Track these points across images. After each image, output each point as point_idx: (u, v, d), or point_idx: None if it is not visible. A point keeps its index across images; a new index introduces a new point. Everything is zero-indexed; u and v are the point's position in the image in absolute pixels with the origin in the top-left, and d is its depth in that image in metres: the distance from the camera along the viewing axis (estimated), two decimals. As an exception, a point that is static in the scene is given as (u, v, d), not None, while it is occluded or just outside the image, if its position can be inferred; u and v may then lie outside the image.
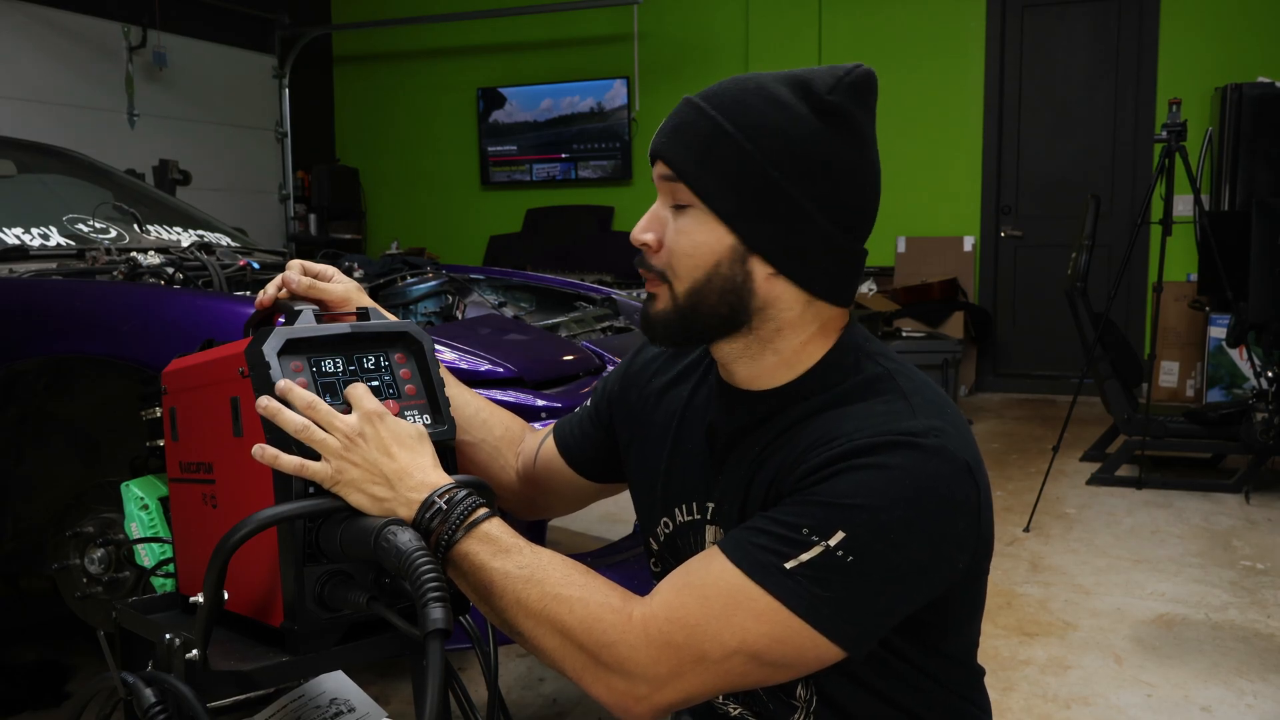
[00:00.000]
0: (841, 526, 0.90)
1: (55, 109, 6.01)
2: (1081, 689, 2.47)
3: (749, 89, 1.00)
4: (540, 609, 0.95)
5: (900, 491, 0.91)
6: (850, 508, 0.91)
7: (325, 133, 8.35)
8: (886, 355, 1.06)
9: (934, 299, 6.30)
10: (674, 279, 1.02)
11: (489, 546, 0.96)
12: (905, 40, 6.61)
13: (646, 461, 1.19)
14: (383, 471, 0.97)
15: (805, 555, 0.91)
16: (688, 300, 1.02)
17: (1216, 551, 3.50)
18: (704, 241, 1.00)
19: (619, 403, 1.25)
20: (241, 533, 0.90)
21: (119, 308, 2.02)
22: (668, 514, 1.15)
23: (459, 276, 2.88)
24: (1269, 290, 4.11)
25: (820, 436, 0.97)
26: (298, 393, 0.98)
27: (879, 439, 0.93)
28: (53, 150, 3.30)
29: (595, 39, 7.49)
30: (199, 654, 0.93)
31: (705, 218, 1.00)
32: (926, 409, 0.98)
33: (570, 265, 6.87)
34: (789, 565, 0.91)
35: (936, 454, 0.93)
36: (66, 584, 1.97)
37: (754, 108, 0.98)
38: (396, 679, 2.36)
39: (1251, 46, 5.93)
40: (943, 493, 0.93)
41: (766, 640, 0.92)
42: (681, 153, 1.01)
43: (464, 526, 0.95)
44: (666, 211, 1.04)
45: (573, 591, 0.95)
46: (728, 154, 0.98)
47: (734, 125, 0.98)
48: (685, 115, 1.02)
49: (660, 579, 1.20)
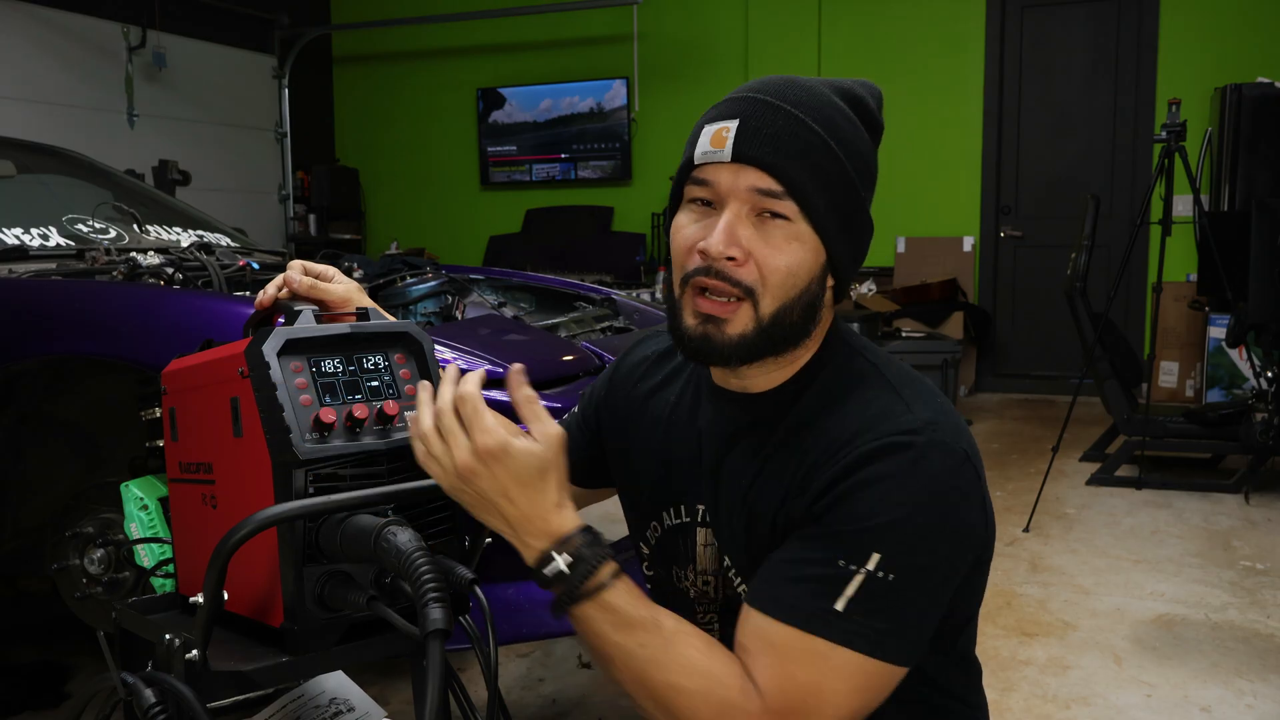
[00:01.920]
0: (874, 548, 0.91)
1: (55, 109, 6.01)
2: (1081, 689, 2.47)
3: (825, 99, 0.99)
4: (659, 694, 0.94)
5: (915, 496, 0.92)
6: (876, 528, 0.91)
7: (325, 133, 8.35)
8: (869, 349, 1.06)
9: (933, 299, 6.30)
10: (762, 295, 0.97)
11: (611, 617, 0.93)
12: (905, 40, 6.62)
13: (634, 466, 1.18)
14: (500, 511, 0.94)
15: (850, 589, 0.91)
16: (773, 318, 0.98)
17: (1216, 552, 3.50)
18: (803, 258, 0.97)
19: (606, 408, 1.24)
20: (241, 533, 0.90)
21: (118, 308, 2.02)
22: (656, 518, 1.15)
23: (459, 277, 2.88)
24: (1268, 290, 4.11)
25: (823, 448, 0.97)
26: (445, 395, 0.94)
27: (880, 444, 0.94)
28: (52, 150, 3.30)
29: (595, 39, 7.49)
30: (199, 654, 0.93)
31: (803, 232, 0.97)
32: (916, 401, 0.98)
33: (570, 265, 6.87)
34: (840, 607, 0.91)
35: (937, 449, 0.94)
36: (66, 584, 1.97)
37: (838, 122, 0.98)
38: (396, 679, 2.36)
39: (1251, 47, 5.93)
40: (952, 486, 0.94)
41: (860, 694, 0.93)
42: (793, 165, 0.96)
43: (585, 592, 0.92)
44: (746, 223, 0.98)
45: (693, 683, 0.93)
46: (833, 171, 0.97)
47: (833, 139, 0.97)
48: (782, 123, 0.97)
49: (654, 583, 1.20)
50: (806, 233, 0.97)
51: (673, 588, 1.16)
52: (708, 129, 0.99)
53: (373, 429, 1.01)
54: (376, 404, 1.02)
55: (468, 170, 8.03)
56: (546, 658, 2.64)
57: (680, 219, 1.02)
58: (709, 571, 1.12)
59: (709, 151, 0.98)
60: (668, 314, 1.05)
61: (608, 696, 2.42)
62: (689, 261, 0.99)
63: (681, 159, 1.03)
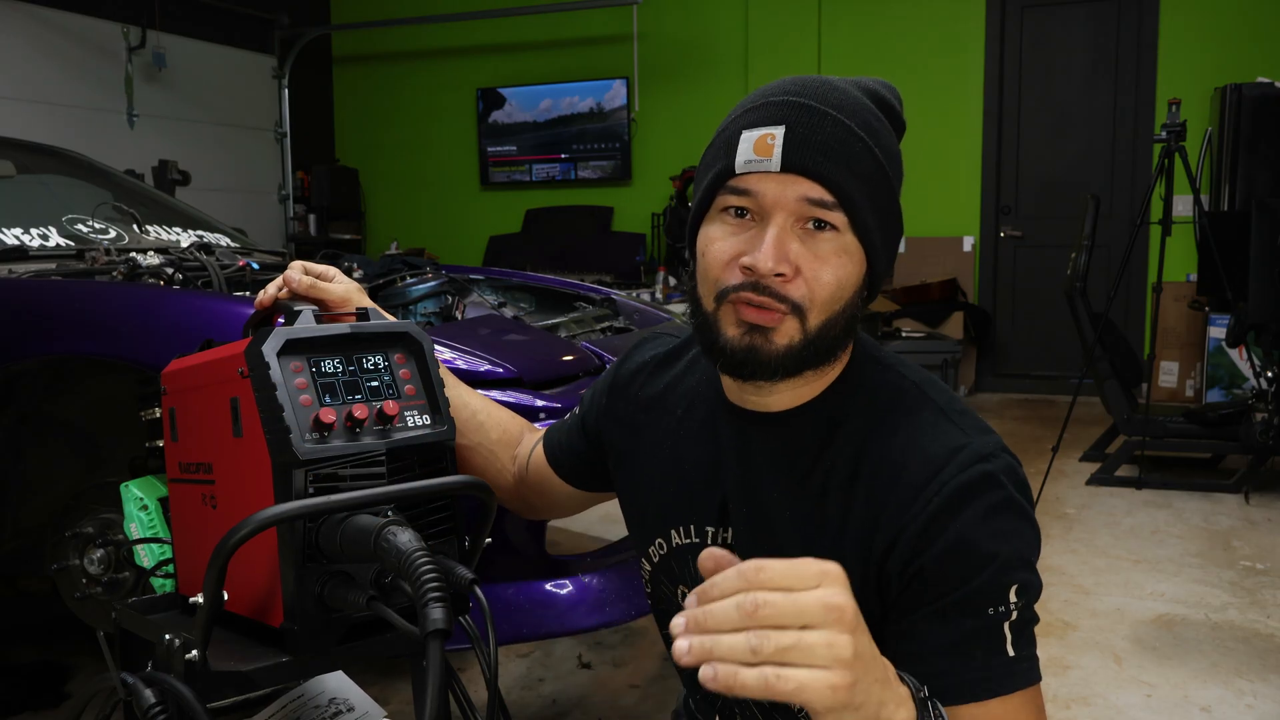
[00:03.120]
0: (1009, 582, 0.90)
1: (55, 109, 6.01)
2: (1081, 689, 2.47)
3: (860, 103, 0.95)
4: None
5: (1015, 522, 0.92)
6: (1002, 564, 0.90)
7: (325, 133, 8.35)
8: (901, 362, 1.03)
9: (933, 299, 6.30)
10: (811, 310, 0.92)
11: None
12: (905, 40, 6.62)
13: (637, 479, 1.15)
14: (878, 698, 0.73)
15: (1007, 632, 0.90)
16: (819, 332, 0.93)
17: (1216, 552, 3.50)
18: (850, 271, 0.93)
19: (606, 415, 1.20)
20: (241, 533, 0.90)
21: (118, 308, 2.02)
22: (663, 535, 1.11)
23: (458, 277, 2.87)
24: (1268, 290, 4.12)
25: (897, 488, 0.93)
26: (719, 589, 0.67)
27: (964, 479, 0.91)
28: (52, 150, 3.30)
29: (595, 39, 7.49)
30: (199, 654, 0.93)
31: (849, 244, 0.93)
32: (966, 422, 0.97)
33: (570, 265, 6.87)
34: (1011, 652, 0.91)
35: (1006, 472, 0.94)
36: (66, 584, 1.97)
37: (876, 128, 0.95)
38: (396, 679, 2.36)
39: (1251, 47, 5.94)
40: (1026, 502, 0.95)
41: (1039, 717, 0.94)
42: (845, 175, 0.91)
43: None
44: (793, 236, 0.92)
45: None
46: (878, 178, 0.94)
47: (877, 146, 0.94)
48: (830, 130, 0.92)
49: (654, 599, 1.16)
50: (853, 244, 0.93)
51: (676, 605, 1.13)
52: (748, 135, 0.92)
53: (373, 429, 1.01)
54: (376, 404, 1.02)
55: (468, 170, 8.03)
56: (546, 658, 2.64)
57: (713, 231, 0.95)
58: None
59: (753, 160, 0.91)
60: (699, 330, 0.98)
61: (607, 696, 2.42)
62: (727, 276, 0.93)
63: (708, 166, 0.97)
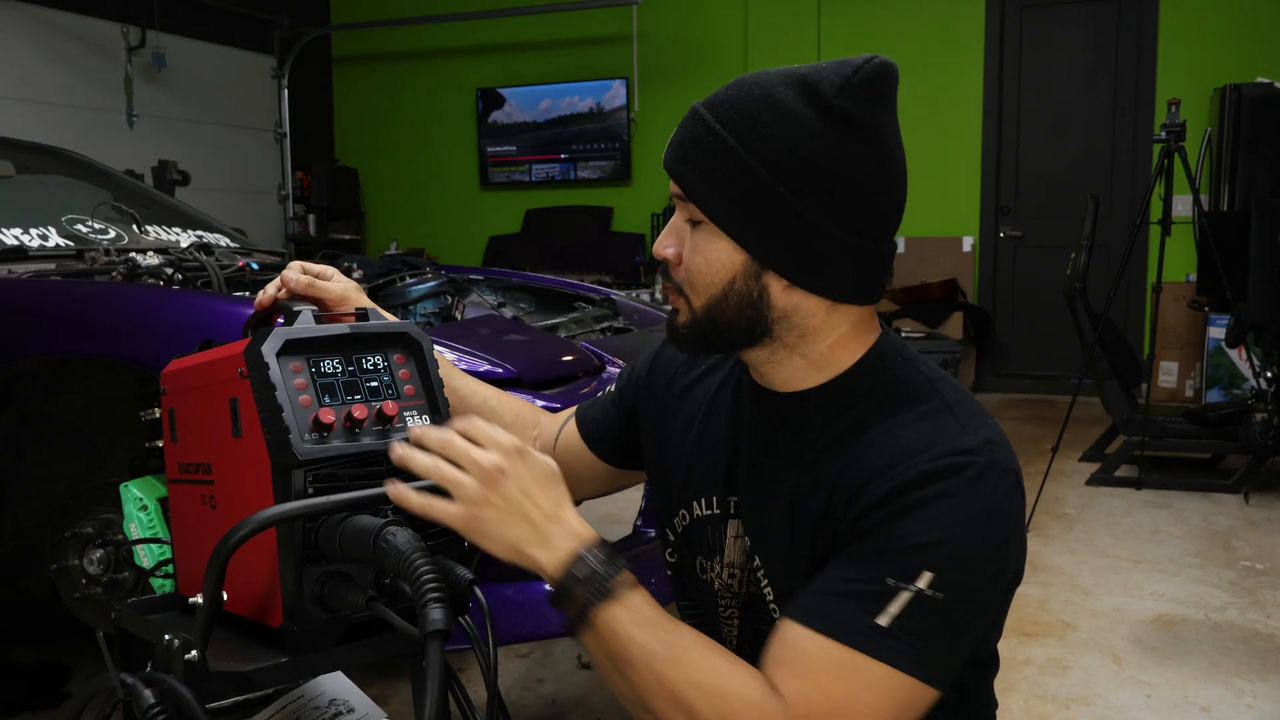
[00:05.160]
0: (926, 567, 0.90)
1: (54, 109, 6.01)
2: (1081, 689, 2.47)
3: (754, 96, 0.97)
4: (679, 693, 0.91)
5: (971, 517, 0.91)
6: (930, 545, 0.90)
7: (324, 133, 8.35)
8: (923, 360, 1.05)
9: (933, 299, 6.30)
10: (691, 294, 1.02)
11: (633, 615, 0.92)
12: (905, 40, 6.61)
13: (667, 453, 1.19)
14: (525, 513, 0.93)
15: (895, 606, 0.90)
16: (705, 314, 1.01)
17: (1216, 552, 3.50)
18: (717, 259, 0.99)
19: (645, 390, 1.25)
20: (241, 533, 0.90)
21: (118, 308, 2.02)
22: (686, 506, 1.15)
23: (458, 277, 2.88)
24: (1268, 290, 4.11)
25: (875, 463, 0.95)
26: (430, 434, 0.95)
27: (937, 464, 0.92)
28: (52, 151, 3.30)
29: (594, 39, 7.49)
30: (198, 655, 0.93)
31: (717, 235, 0.99)
32: (972, 420, 0.97)
33: (569, 266, 6.87)
34: (883, 622, 0.90)
35: (992, 471, 0.93)
36: (65, 585, 1.97)
37: (759, 119, 0.95)
38: (396, 679, 2.36)
39: (1250, 47, 5.94)
40: (1004, 509, 0.94)
41: (892, 711, 0.91)
42: (688, 171, 0.99)
43: (612, 591, 0.92)
44: (684, 225, 1.02)
45: (714, 681, 0.92)
46: (733, 171, 0.96)
47: (738, 140, 0.96)
48: (691, 129, 1.00)
49: (676, 570, 1.20)
50: (717, 233, 0.99)
51: (695, 577, 1.17)
52: None
53: (372, 429, 1.01)
54: (376, 404, 1.02)
55: (467, 170, 8.03)
56: (546, 658, 2.64)
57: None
58: (735, 565, 1.12)
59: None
60: None
61: (607, 696, 2.42)
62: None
63: None
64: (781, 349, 1.02)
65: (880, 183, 0.98)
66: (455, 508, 0.93)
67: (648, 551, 2.33)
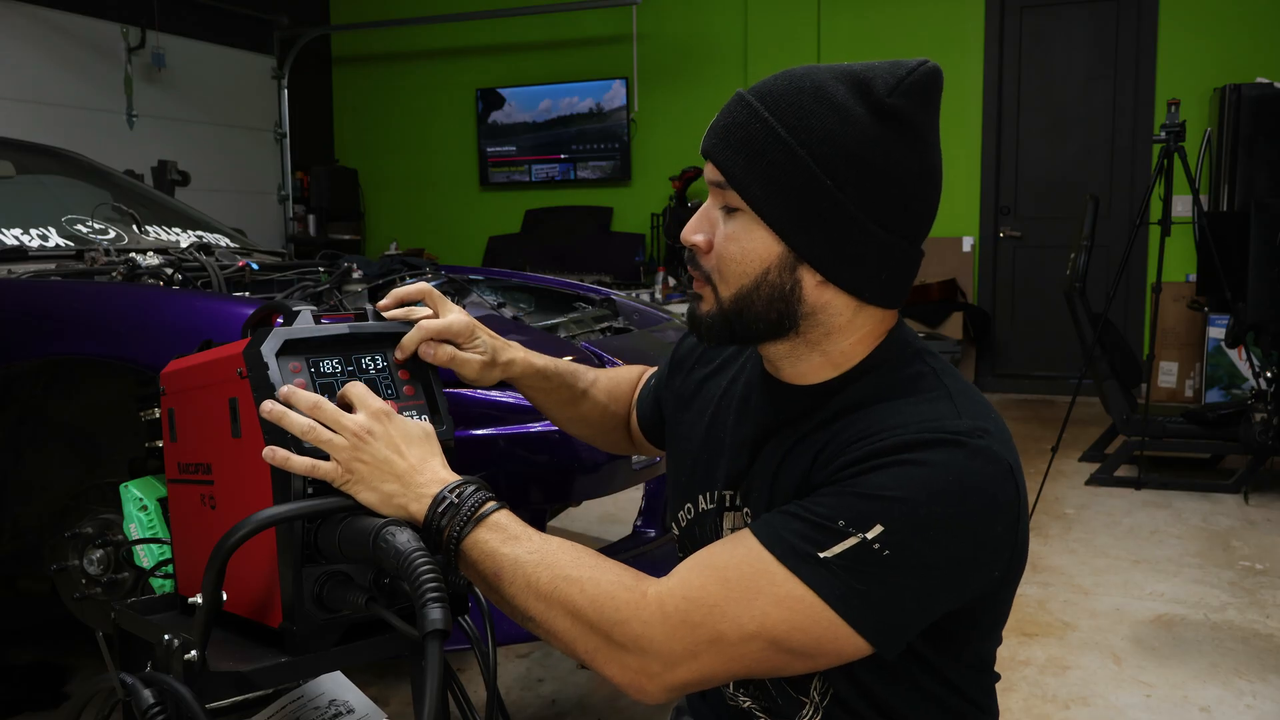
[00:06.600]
0: (880, 520, 0.88)
1: (54, 110, 6.01)
2: (1081, 689, 2.47)
3: (805, 89, 0.96)
4: (550, 590, 0.94)
5: (942, 487, 0.89)
6: (890, 500, 0.89)
7: (324, 133, 8.35)
8: (932, 354, 1.04)
9: (933, 299, 6.30)
10: (720, 283, 1.00)
11: (499, 534, 0.96)
12: (904, 41, 6.61)
13: (681, 447, 1.21)
14: (393, 469, 0.98)
15: (840, 547, 0.89)
16: (733, 305, 1.00)
17: (1215, 552, 3.50)
18: (753, 249, 0.98)
19: (667, 388, 1.28)
20: (240, 533, 0.90)
21: (117, 309, 2.02)
22: (692, 500, 1.16)
23: (458, 277, 2.87)
24: (1268, 290, 4.12)
25: (863, 430, 0.95)
26: (301, 395, 0.98)
27: (924, 436, 0.92)
28: (51, 151, 3.30)
29: (594, 40, 7.49)
30: (198, 655, 0.93)
31: (754, 224, 0.97)
32: (971, 409, 0.96)
33: (569, 266, 6.87)
34: (823, 555, 0.89)
35: (981, 454, 0.92)
36: (65, 585, 1.97)
37: (809, 110, 0.95)
38: (395, 680, 2.36)
39: (1250, 47, 5.94)
40: (986, 493, 0.91)
41: (788, 627, 0.89)
42: (731, 156, 0.97)
43: (475, 518, 0.96)
44: (717, 212, 1.01)
45: (583, 572, 0.94)
46: (780, 160, 0.95)
47: (787, 129, 0.95)
48: (737, 114, 0.98)
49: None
50: (755, 222, 0.97)
51: None
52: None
53: (371, 429, 1.01)
54: (375, 404, 1.02)
55: (467, 170, 8.03)
56: (546, 658, 2.64)
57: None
58: None
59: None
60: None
61: (607, 696, 2.42)
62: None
63: None
64: (804, 345, 1.02)
65: (920, 185, 1.00)
66: (333, 466, 0.97)
67: (648, 551, 2.33)
